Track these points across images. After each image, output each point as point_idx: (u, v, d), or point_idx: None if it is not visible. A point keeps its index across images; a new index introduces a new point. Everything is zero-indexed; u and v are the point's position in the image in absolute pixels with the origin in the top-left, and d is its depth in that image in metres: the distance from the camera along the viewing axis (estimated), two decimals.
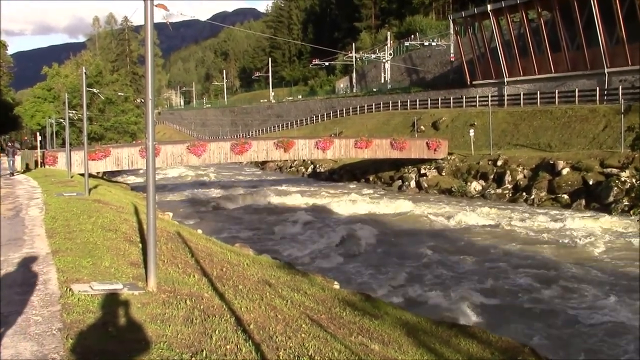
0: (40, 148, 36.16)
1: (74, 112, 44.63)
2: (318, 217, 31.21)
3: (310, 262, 20.80)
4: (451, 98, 56.03)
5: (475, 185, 37.82)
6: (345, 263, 20.97)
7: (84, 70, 19.65)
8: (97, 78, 55.52)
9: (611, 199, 29.22)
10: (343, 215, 32.10)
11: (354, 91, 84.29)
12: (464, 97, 54.46)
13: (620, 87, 40.50)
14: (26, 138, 77.21)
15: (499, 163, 38.22)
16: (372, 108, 68.27)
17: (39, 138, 38.93)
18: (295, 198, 38.60)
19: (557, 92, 45.24)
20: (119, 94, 57.41)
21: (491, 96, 51.10)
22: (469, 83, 54.71)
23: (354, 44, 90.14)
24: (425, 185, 41.10)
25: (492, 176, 37.75)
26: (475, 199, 36.22)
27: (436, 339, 9.28)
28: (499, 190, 35.94)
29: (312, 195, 40.24)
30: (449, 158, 42.51)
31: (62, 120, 42.75)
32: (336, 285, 12.38)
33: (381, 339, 8.17)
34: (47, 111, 55.03)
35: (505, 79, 50.31)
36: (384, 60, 78.38)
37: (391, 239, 25.22)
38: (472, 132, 44.17)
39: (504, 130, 44.91)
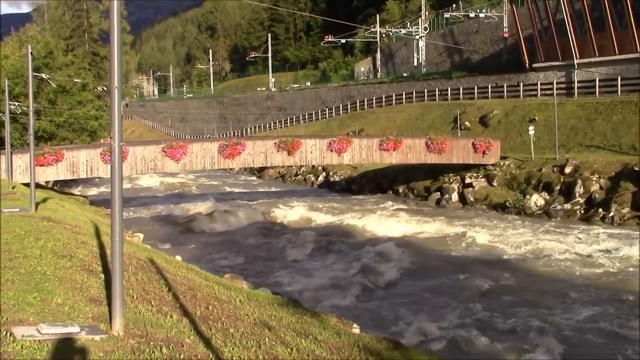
0: None
1: (16, 103, 44.84)
2: (331, 240, 31.13)
3: (322, 299, 20.69)
4: (504, 86, 55.85)
5: (537, 199, 37.64)
6: (367, 300, 20.90)
7: (30, 50, 19.72)
8: (46, 60, 55.73)
9: None
10: (364, 238, 31.97)
11: (378, 77, 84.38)
12: (522, 84, 54.29)
13: None
14: None
15: (568, 170, 38.02)
16: (401, 98, 68.22)
17: None
18: (302, 215, 38.53)
19: None
20: (75, 80, 57.59)
21: (557, 83, 50.94)
22: (527, 66, 54.53)
23: (378, 16, 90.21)
24: (471, 199, 40.95)
25: (558, 187, 37.55)
26: (536, 216, 36.02)
27: None
28: (568, 206, 35.73)
29: (323, 211, 40.16)
30: (501, 163, 42.35)
31: (0, 114, 43.03)
32: (355, 329, 12.31)
33: None
34: None
35: (576, 61, 50.16)
36: (417, 37, 78.42)
37: (428, 269, 25.10)
38: (531, 130, 44.01)
39: (573, 127, 44.68)
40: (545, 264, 25.25)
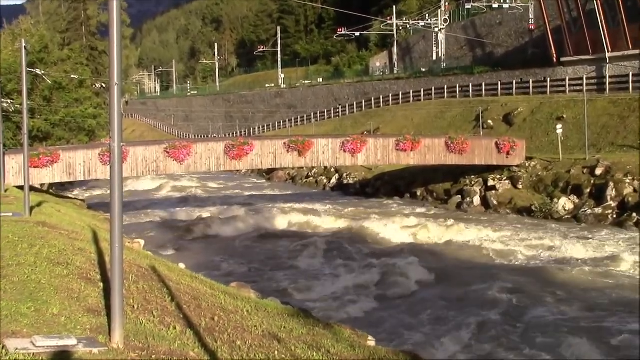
0: None
1: (9, 101, 45.06)
2: (345, 246, 31.09)
3: (335, 309, 20.70)
4: (530, 81, 55.67)
5: (565, 203, 37.49)
6: (383, 310, 20.86)
7: (24, 44, 19.81)
8: (41, 55, 55.94)
9: None
10: (380, 244, 31.97)
11: (395, 72, 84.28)
12: (549, 79, 54.10)
13: None
14: None
15: (599, 172, 37.86)
16: (419, 95, 68.15)
17: None
18: (314, 220, 38.50)
19: None
20: (72, 76, 57.80)
21: (587, 78, 50.75)
22: (555, 60, 54.33)
23: (394, 7, 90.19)
24: (495, 203, 40.84)
25: (588, 190, 37.38)
26: (565, 221, 35.87)
27: None
28: (599, 210, 35.55)
29: (336, 215, 40.18)
30: (527, 165, 42.21)
31: None
32: (371, 342, 12.29)
33: None
34: None
35: (607, 55, 49.92)
36: (436, 30, 78.31)
37: (448, 277, 25.02)
38: (559, 129, 43.85)
39: (604, 125, 44.49)
40: (578, 273, 25.13)
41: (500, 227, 34.77)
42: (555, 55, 54.32)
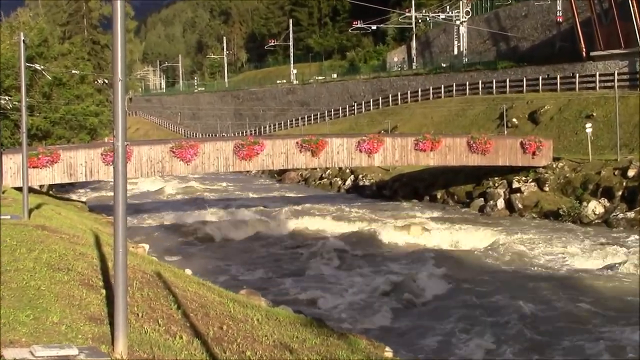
0: None
1: (7, 98, 45.25)
2: (361, 251, 31.15)
3: (350, 318, 20.72)
4: (558, 77, 55.47)
5: (595, 207, 37.35)
6: (401, 319, 20.85)
7: (22, 38, 19.90)
8: (40, 49, 56.16)
9: None
10: (398, 249, 31.98)
11: (414, 67, 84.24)
12: (577, 75, 53.88)
13: None
14: None
15: (631, 173, 37.71)
16: (440, 92, 68.07)
17: None
18: (328, 223, 38.60)
19: None
20: (73, 72, 58.04)
21: (618, 74, 50.50)
22: (584, 55, 54.11)
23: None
24: (520, 206, 40.73)
25: (620, 193, 37.23)
26: (595, 226, 35.73)
27: None
28: (631, 214, 35.39)
29: (352, 219, 40.20)
30: (554, 166, 42.08)
31: None
32: (388, 353, 12.29)
33: None
34: None
35: None
36: (457, 23, 78.20)
37: (470, 285, 24.97)
38: (589, 128, 43.69)
39: (637, 124, 44.27)
40: (608, 281, 25.03)
41: (525, 232, 34.64)
42: (584, 50, 54.08)
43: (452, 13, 78.71)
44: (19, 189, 22.74)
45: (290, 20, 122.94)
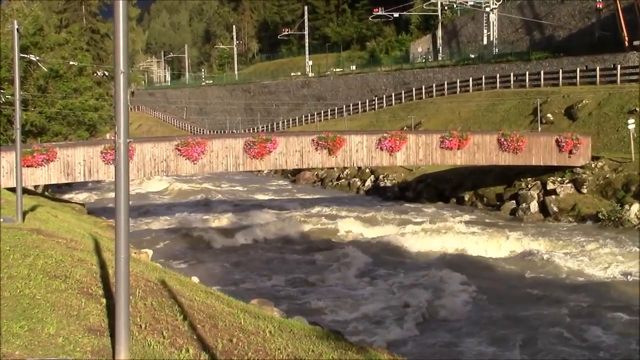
0: None
1: (0, 91, 45.47)
2: (382, 259, 31.12)
3: (370, 330, 20.71)
4: (597, 69, 55.27)
5: (638, 210, 37.20)
6: (424, 332, 20.83)
7: (16, 26, 19.96)
8: (35, 38, 56.37)
9: None
10: (422, 257, 31.94)
11: (440, 58, 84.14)
12: (619, 67, 53.67)
13: None
14: None
15: None
16: (468, 85, 67.99)
17: None
18: (346, 228, 38.59)
19: None
20: (71, 63, 58.25)
21: None
22: (627, 44, 53.91)
23: None
24: (555, 209, 40.59)
25: None
26: (638, 231, 35.56)
27: None
28: None
29: (372, 223, 40.17)
30: (593, 165, 41.94)
31: None
32: None
33: None
34: None
35: None
36: (487, 10, 78.01)
37: (501, 296, 24.91)
38: (632, 124, 43.54)
39: None
40: None
41: (561, 237, 34.58)
42: (627, 39, 53.87)
43: (481, 0, 78.50)
44: (13, 190, 22.85)
45: (306, 7, 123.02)
